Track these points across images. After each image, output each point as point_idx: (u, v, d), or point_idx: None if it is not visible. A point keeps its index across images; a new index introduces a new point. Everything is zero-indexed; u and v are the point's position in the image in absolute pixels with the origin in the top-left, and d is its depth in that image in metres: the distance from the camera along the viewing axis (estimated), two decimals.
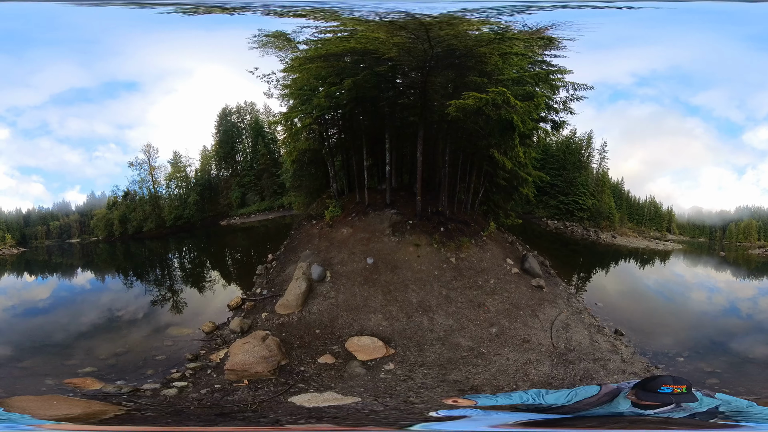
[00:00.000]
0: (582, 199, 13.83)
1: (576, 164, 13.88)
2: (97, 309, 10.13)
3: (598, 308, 11.20)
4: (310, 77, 10.59)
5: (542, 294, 10.77)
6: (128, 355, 8.75)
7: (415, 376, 8.04)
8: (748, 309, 10.50)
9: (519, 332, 9.43)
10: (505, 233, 12.64)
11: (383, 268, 10.13)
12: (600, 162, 13.60)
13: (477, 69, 9.53)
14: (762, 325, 9.97)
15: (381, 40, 9.03)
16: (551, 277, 12.06)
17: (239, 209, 12.71)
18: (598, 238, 13.85)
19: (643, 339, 10.10)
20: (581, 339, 9.51)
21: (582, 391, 6.75)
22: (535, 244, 13.06)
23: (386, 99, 10.69)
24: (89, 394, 7.44)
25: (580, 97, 10.72)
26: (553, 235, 13.91)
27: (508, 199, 12.78)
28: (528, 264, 11.45)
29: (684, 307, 11.20)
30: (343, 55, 9.85)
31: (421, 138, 10.49)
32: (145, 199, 11.99)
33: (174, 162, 12.00)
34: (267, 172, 12.88)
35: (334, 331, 8.92)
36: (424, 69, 9.87)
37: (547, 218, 14.04)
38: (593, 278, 13.02)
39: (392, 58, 9.50)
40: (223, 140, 12.65)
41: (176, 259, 12.52)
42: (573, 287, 12.15)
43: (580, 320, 10.21)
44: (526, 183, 12.24)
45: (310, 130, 11.60)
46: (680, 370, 8.92)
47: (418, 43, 9.16)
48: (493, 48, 9.34)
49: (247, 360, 7.91)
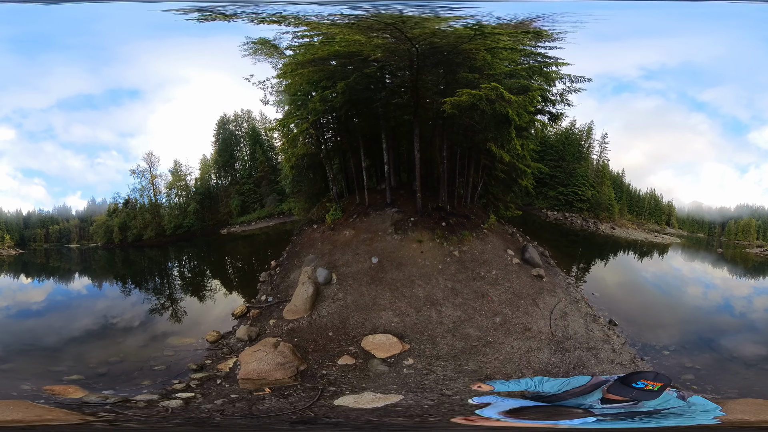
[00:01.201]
0: (581, 190, 13.91)
1: (576, 155, 13.99)
2: (92, 315, 10.04)
3: (594, 298, 11.33)
4: (303, 82, 10.64)
5: (542, 283, 10.90)
6: (123, 364, 8.52)
7: (435, 369, 8.12)
8: (741, 307, 10.54)
9: (521, 321, 9.61)
10: (506, 225, 12.74)
11: (388, 266, 10.18)
12: (600, 153, 13.76)
13: (467, 65, 9.61)
14: (753, 325, 10.01)
15: (362, 42, 9.11)
16: (551, 267, 12.18)
17: (239, 217, 12.69)
18: (598, 229, 13.97)
19: (636, 330, 10.23)
20: (577, 328, 9.71)
21: (574, 381, 6.93)
22: (536, 234, 13.15)
23: (379, 100, 10.75)
24: (64, 402, 7.17)
25: (578, 89, 10.81)
26: (552, 226, 14.01)
27: (507, 192, 12.89)
28: (528, 254, 11.56)
29: (679, 300, 11.29)
30: (330, 59, 9.92)
31: (417, 136, 10.57)
32: (145, 207, 12.01)
33: (174, 171, 12.08)
34: (266, 179, 12.89)
35: (347, 332, 8.89)
36: (412, 68, 9.94)
37: (547, 209, 14.12)
38: (592, 269, 13.14)
39: (378, 59, 9.60)
40: (222, 149, 12.69)
41: (176, 267, 12.46)
42: (572, 278, 12.26)
43: (577, 309, 10.38)
44: (525, 175, 12.37)
45: (307, 134, 11.68)
46: (663, 363, 9.07)
47: (399, 43, 9.24)
48: (478, 44, 9.36)
49: (262, 368, 7.74)
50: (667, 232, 13.88)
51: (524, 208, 13.85)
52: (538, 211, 14.03)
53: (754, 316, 10.14)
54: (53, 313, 10.10)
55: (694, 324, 10.21)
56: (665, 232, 13.90)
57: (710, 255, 12.75)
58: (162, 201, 12.16)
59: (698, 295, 11.32)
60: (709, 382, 8.46)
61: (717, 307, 10.75)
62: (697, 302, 11.07)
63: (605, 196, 13.93)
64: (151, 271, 12.19)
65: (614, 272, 13.19)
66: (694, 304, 11.02)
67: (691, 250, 13.18)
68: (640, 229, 14.03)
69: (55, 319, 9.82)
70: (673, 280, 12.16)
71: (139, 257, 12.27)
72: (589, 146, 13.75)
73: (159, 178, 11.68)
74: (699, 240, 13.15)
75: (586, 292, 11.53)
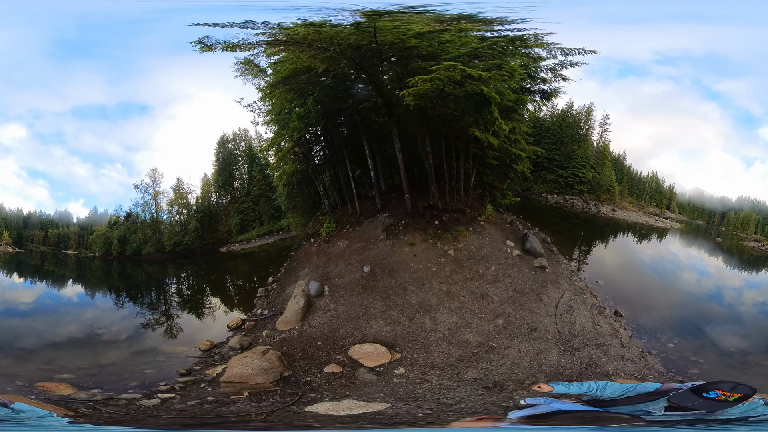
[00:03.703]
0: (582, 172, 13.60)
1: (574, 137, 13.71)
2: (78, 323, 9.99)
3: (599, 287, 11.07)
4: (283, 101, 10.81)
5: (545, 275, 10.50)
6: (114, 367, 8.65)
7: (430, 379, 7.97)
8: (731, 298, 10.69)
9: (525, 320, 9.21)
10: (504, 214, 12.40)
11: (380, 273, 10.11)
12: (601, 134, 13.58)
13: (419, 56, 9.39)
14: (740, 317, 10.05)
15: (312, 56, 9.12)
16: (553, 254, 11.78)
17: (239, 235, 12.82)
18: (599, 211, 13.83)
19: (637, 315, 10.18)
20: (584, 322, 9.32)
21: (641, 387, 6.72)
22: (536, 220, 12.90)
23: (350, 107, 10.72)
24: (52, 398, 7.28)
25: (574, 63, 10.49)
26: (553, 210, 13.80)
27: (504, 179, 12.57)
28: (529, 244, 11.16)
29: (674, 285, 11.48)
30: (295, 77, 9.98)
31: (396, 136, 10.43)
32: (146, 222, 12.24)
33: (177, 188, 12.40)
34: (263, 196, 13.04)
35: (336, 341, 8.95)
36: (367, 71, 9.88)
37: (547, 193, 13.91)
38: (594, 252, 13.01)
39: (328, 69, 9.60)
40: (222, 168, 12.93)
41: (174, 284, 12.48)
42: (574, 263, 12.02)
43: (582, 301, 10.01)
44: (520, 159, 12.04)
45: (294, 153, 11.76)
46: (670, 357, 8.84)
47: (337, 53, 9.22)
48: (420, 40, 9.23)
49: (245, 372, 7.85)
50: (667, 216, 13.75)
51: (523, 193, 13.61)
52: (537, 195, 13.79)
53: (741, 309, 10.24)
54: (39, 316, 10.16)
55: (684, 309, 10.32)
56: (665, 216, 13.75)
57: (708, 243, 12.86)
58: (163, 217, 12.37)
59: (692, 281, 11.49)
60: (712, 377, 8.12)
61: (708, 294, 10.93)
62: (691, 288, 11.21)
63: (606, 177, 13.62)
64: (148, 286, 12.20)
65: (615, 254, 13.09)
66: (688, 290, 11.15)
67: (689, 236, 13.16)
68: (641, 212, 13.87)
69: (39, 322, 9.84)
70: (670, 265, 12.29)
71: (136, 271, 12.35)
72: (589, 128, 13.50)
73: (161, 195, 12.01)
74: (698, 227, 13.23)
75: (589, 280, 11.25)
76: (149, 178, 11.44)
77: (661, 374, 8.04)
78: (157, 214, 12.19)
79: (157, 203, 12.01)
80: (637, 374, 7.96)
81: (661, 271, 12.19)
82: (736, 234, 12.74)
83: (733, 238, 12.68)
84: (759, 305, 10.15)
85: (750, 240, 12.49)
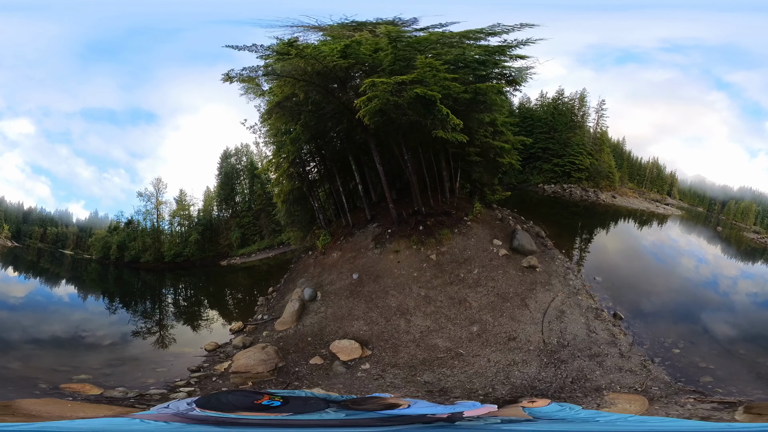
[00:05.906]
0: (579, 159, 13.24)
1: (568, 124, 13.34)
2: (64, 323, 10.04)
3: (597, 284, 10.80)
4: (280, 124, 11.21)
5: (535, 275, 10.36)
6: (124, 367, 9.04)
7: (386, 376, 8.46)
8: (726, 287, 10.58)
9: (504, 329, 9.14)
10: (497, 209, 12.31)
11: (367, 280, 10.57)
12: (597, 121, 13.21)
13: (364, 72, 9.71)
14: (733, 306, 9.92)
15: (292, 84, 9.44)
16: (547, 250, 11.57)
17: (239, 249, 13.02)
18: (598, 198, 13.46)
19: (638, 301, 10.16)
20: (577, 330, 9.01)
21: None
22: (533, 212, 12.75)
23: (333, 128, 11.03)
24: (91, 398, 7.68)
25: (527, 41, 10.24)
26: (551, 200, 13.53)
27: (494, 174, 12.36)
28: (517, 242, 10.98)
29: (672, 270, 11.44)
30: (286, 101, 10.35)
31: (375, 149, 10.64)
32: (147, 231, 12.30)
33: (180, 200, 12.57)
34: (264, 211, 13.27)
35: (323, 338, 9.66)
36: (333, 94, 10.23)
37: (543, 183, 13.61)
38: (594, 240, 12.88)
39: (307, 95, 9.95)
40: (224, 182, 13.14)
41: (170, 294, 12.49)
42: (575, 253, 11.87)
43: (576, 304, 9.71)
44: (505, 151, 11.83)
45: (289, 173, 12.11)
46: (675, 364, 8.51)
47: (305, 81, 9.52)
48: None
49: (248, 363, 8.98)
50: (667, 203, 13.41)
51: (519, 186, 13.42)
52: (534, 187, 13.51)
53: (735, 298, 10.18)
54: (27, 311, 10.23)
55: (681, 294, 10.35)
56: (666, 202, 13.39)
57: (707, 231, 12.71)
58: (164, 227, 12.50)
59: (690, 267, 11.51)
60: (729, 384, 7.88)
61: (705, 281, 10.93)
62: (689, 274, 11.23)
63: (605, 163, 13.20)
64: (144, 294, 12.25)
65: (616, 241, 13.05)
66: (686, 276, 11.18)
67: (689, 222, 12.99)
68: (641, 198, 13.52)
69: (27, 318, 9.94)
70: (670, 250, 12.27)
71: (132, 278, 12.34)
72: (584, 114, 13.12)
73: (164, 205, 12.20)
74: (699, 214, 13.05)
75: (587, 276, 10.98)
76: (153, 187, 11.62)
77: (668, 384, 7.75)
78: (158, 223, 12.33)
79: (159, 213, 12.22)
80: (637, 387, 7.67)
81: (661, 257, 12.25)
82: (736, 223, 12.63)
83: (732, 227, 12.64)
84: (752, 296, 10.09)
85: (749, 231, 12.39)
